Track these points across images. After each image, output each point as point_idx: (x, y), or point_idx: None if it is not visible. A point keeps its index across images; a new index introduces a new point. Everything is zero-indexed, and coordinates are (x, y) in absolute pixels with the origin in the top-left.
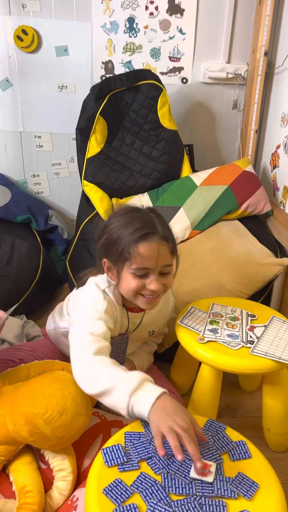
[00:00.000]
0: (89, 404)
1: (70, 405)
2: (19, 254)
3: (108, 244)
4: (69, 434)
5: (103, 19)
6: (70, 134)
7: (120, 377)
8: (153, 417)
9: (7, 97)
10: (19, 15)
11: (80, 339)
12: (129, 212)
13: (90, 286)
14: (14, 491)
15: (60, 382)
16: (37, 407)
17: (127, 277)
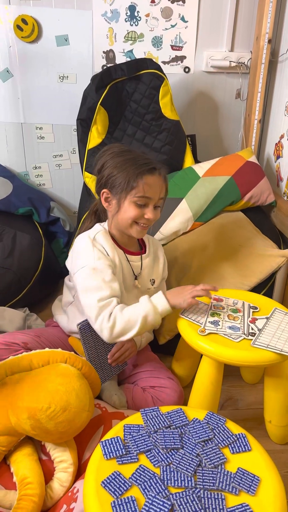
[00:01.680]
0: (92, 400)
1: (73, 401)
2: (21, 246)
3: (111, 178)
4: (71, 429)
5: (104, 7)
6: (72, 125)
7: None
8: (174, 302)
9: (8, 88)
10: (18, 4)
11: (92, 311)
12: (128, 150)
13: (80, 244)
14: (15, 482)
15: (64, 377)
16: (41, 402)
17: (128, 205)
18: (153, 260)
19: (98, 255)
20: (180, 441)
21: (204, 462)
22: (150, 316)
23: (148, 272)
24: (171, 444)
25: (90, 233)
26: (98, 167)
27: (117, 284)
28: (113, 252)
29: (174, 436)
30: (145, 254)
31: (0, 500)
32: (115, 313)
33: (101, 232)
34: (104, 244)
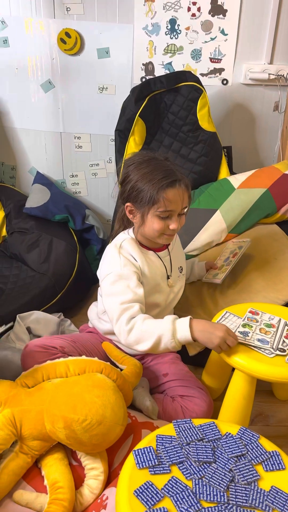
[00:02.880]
0: (126, 413)
1: (109, 415)
2: (57, 252)
3: (134, 191)
4: (104, 442)
5: (145, 21)
6: (109, 135)
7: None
8: (200, 338)
9: (49, 98)
10: (63, 18)
11: (114, 313)
12: (148, 161)
13: (107, 253)
14: (45, 486)
15: (101, 389)
16: (77, 414)
17: (152, 219)
18: (177, 247)
19: (124, 262)
20: (213, 455)
21: (237, 478)
22: (165, 338)
23: (175, 261)
24: (203, 458)
25: (117, 242)
26: (121, 179)
27: (142, 291)
28: (141, 257)
29: (207, 449)
30: (170, 246)
31: (31, 503)
32: (136, 319)
33: (127, 240)
34: (131, 251)
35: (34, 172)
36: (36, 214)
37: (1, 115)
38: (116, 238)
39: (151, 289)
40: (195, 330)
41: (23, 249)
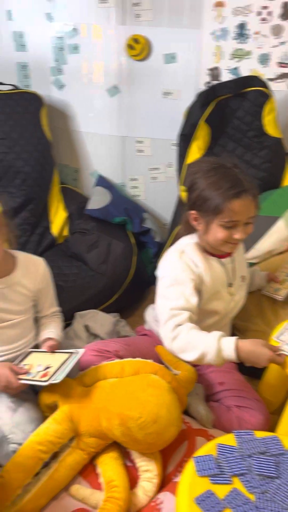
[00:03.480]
0: (180, 415)
1: (164, 414)
2: (115, 254)
3: (199, 199)
4: (159, 442)
5: (214, 26)
6: (170, 139)
7: (201, 344)
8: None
9: (114, 103)
10: (132, 25)
11: (162, 316)
12: (216, 169)
13: (168, 255)
14: (100, 483)
15: (155, 388)
16: (132, 411)
17: (217, 229)
18: (240, 256)
19: (183, 267)
20: (277, 470)
21: None
22: (210, 355)
23: (239, 269)
24: (267, 472)
25: (179, 246)
26: (188, 186)
27: (196, 300)
28: (204, 263)
29: (270, 464)
30: (235, 253)
31: (87, 498)
32: (182, 328)
33: (191, 245)
34: (193, 256)
35: (96, 175)
36: (97, 215)
37: (68, 119)
38: (180, 241)
39: (211, 296)
40: (241, 351)
41: (84, 249)
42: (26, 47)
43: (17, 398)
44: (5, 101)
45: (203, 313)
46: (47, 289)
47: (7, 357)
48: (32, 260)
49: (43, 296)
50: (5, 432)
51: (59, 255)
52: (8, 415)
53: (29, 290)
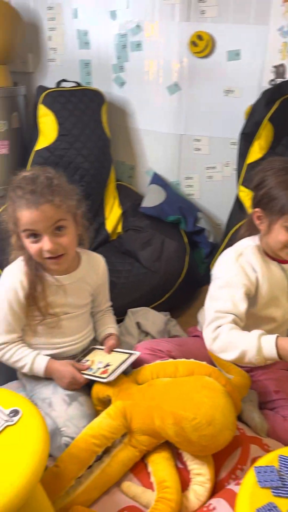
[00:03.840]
0: (235, 419)
1: (219, 417)
2: (168, 252)
3: (266, 198)
4: (213, 445)
5: (281, 22)
6: (229, 138)
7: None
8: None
9: (174, 101)
10: (196, 21)
11: (208, 316)
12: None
13: (225, 256)
14: (151, 482)
15: (210, 390)
16: (187, 411)
17: (279, 229)
18: None
19: (238, 271)
20: None
21: None
22: (250, 353)
23: None
24: None
25: (239, 248)
26: (255, 184)
27: (245, 306)
28: (263, 267)
29: None
30: None
31: (138, 496)
32: (222, 329)
33: (251, 247)
34: (252, 259)
35: (151, 172)
36: (151, 213)
37: (127, 116)
38: (239, 243)
39: (268, 301)
40: (281, 348)
41: (137, 247)
42: (89, 44)
43: (72, 392)
44: (68, 98)
45: (259, 319)
46: (105, 285)
47: (66, 349)
48: (94, 257)
49: (101, 292)
50: (59, 424)
51: (112, 251)
52: (63, 407)
53: (91, 285)
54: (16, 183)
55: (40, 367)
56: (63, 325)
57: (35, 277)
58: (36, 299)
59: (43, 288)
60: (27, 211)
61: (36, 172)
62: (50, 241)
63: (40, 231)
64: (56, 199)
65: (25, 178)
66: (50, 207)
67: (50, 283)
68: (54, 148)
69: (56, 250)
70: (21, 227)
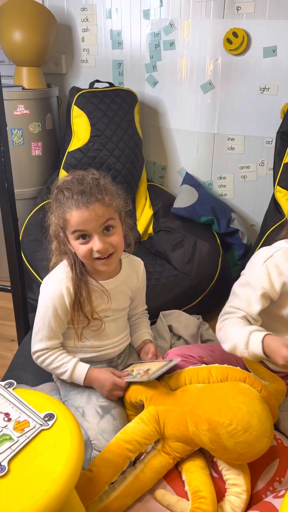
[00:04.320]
0: (272, 427)
1: (255, 424)
2: (200, 254)
3: None
4: (250, 453)
5: None
6: (264, 137)
7: (235, 336)
8: (270, 354)
9: (207, 100)
10: (231, 18)
11: (223, 309)
12: None
13: (256, 255)
14: (186, 491)
15: (246, 396)
16: (222, 417)
17: None
18: None
19: (262, 273)
20: None
21: None
22: (240, 346)
23: None
24: None
25: (270, 249)
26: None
27: (258, 308)
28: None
29: None
30: None
31: (173, 505)
32: (227, 321)
33: (283, 250)
34: (281, 263)
35: (183, 172)
36: (183, 214)
37: (159, 116)
38: (274, 244)
39: None
40: (266, 345)
41: (168, 248)
42: (122, 44)
43: (106, 403)
44: (101, 99)
45: (282, 320)
46: (143, 288)
47: (105, 352)
48: (134, 260)
49: (139, 295)
50: (90, 436)
51: (143, 253)
52: (95, 420)
53: (131, 289)
54: (62, 185)
55: (81, 375)
56: (104, 328)
57: (80, 282)
58: (82, 304)
59: (88, 293)
60: (77, 212)
61: (80, 174)
62: (100, 241)
63: (90, 231)
64: (106, 198)
65: (71, 179)
66: (100, 206)
67: (95, 289)
68: (87, 149)
69: (106, 250)
70: (70, 229)
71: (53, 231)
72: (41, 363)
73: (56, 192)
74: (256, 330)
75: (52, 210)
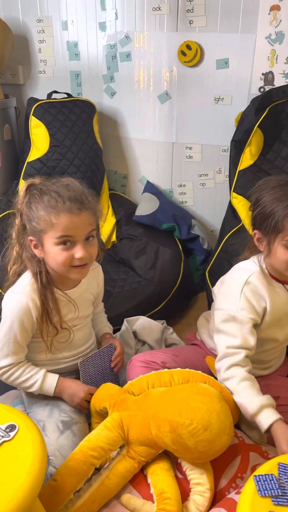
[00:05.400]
0: (232, 424)
1: (215, 422)
2: (163, 260)
3: (261, 217)
4: (211, 451)
5: (269, 30)
6: (221, 145)
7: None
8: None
9: (164, 110)
10: (185, 31)
11: (219, 352)
12: (282, 186)
13: (230, 286)
14: (151, 494)
15: (205, 396)
16: (183, 417)
17: (279, 249)
18: None
19: (243, 305)
20: None
21: None
22: (246, 412)
23: None
24: None
25: (243, 276)
26: (251, 204)
27: (254, 338)
28: (269, 292)
29: None
30: None
31: (139, 509)
32: (236, 372)
33: (256, 274)
34: (259, 287)
35: (144, 181)
36: (145, 222)
37: (118, 126)
38: (244, 268)
39: (271, 323)
40: (273, 431)
41: (131, 255)
42: (79, 56)
43: (68, 418)
44: (59, 109)
45: (261, 340)
46: (102, 290)
47: (72, 363)
48: (94, 266)
49: (98, 298)
50: (48, 452)
51: (107, 261)
52: (55, 435)
53: (93, 295)
54: (46, 188)
55: (52, 384)
56: (73, 337)
57: (46, 291)
58: (50, 314)
59: (55, 303)
60: (68, 217)
61: (65, 180)
62: (83, 249)
63: (76, 238)
64: (96, 207)
65: (56, 183)
66: (90, 215)
67: (61, 298)
68: (46, 159)
69: (86, 259)
70: (55, 233)
71: (17, 234)
72: (6, 379)
73: (37, 194)
74: (269, 407)
75: (21, 213)
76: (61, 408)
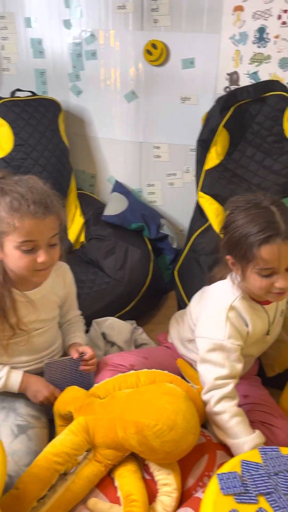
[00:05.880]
0: (198, 423)
1: (180, 422)
2: (132, 260)
3: (231, 244)
4: (177, 451)
5: (233, 31)
6: (188, 145)
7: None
8: None
9: (131, 109)
10: (150, 30)
11: (206, 383)
12: (249, 209)
13: (211, 308)
14: (118, 497)
15: (171, 396)
16: (148, 418)
17: (253, 276)
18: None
19: (230, 333)
20: None
21: None
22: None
23: (281, 304)
24: None
25: (225, 300)
26: (222, 227)
27: (241, 365)
28: (252, 318)
29: None
30: None
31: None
32: (226, 409)
33: (240, 299)
34: (243, 313)
35: (113, 180)
36: (113, 221)
37: (85, 125)
38: (225, 290)
39: (250, 343)
40: None
41: (100, 256)
42: (44, 53)
43: (25, 422)
44: (23, 108)
45: None
46: (72, 293)
47: (36, 366)
48: (59, 266)
49: (68, 301)
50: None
51: (76, 261)
52: (8, 439)
53: (59, 296)
54: (8, 188)
55: (17, 379)
56: (33, 341)
57: (3, 290)
58: (6, 313)
59: (12, 303)
60: (32, 221)
61: (29, 180)
62: (46, 253)
63: (39, 243)
64: (60, 211)
65: (21, 181)
66: (54, 220)
67: (20, 299)
68: (10, 158)
69: (48, 263)
70: (17, 237)
71: None
72: None
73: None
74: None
75: None
76: (17, 411)
